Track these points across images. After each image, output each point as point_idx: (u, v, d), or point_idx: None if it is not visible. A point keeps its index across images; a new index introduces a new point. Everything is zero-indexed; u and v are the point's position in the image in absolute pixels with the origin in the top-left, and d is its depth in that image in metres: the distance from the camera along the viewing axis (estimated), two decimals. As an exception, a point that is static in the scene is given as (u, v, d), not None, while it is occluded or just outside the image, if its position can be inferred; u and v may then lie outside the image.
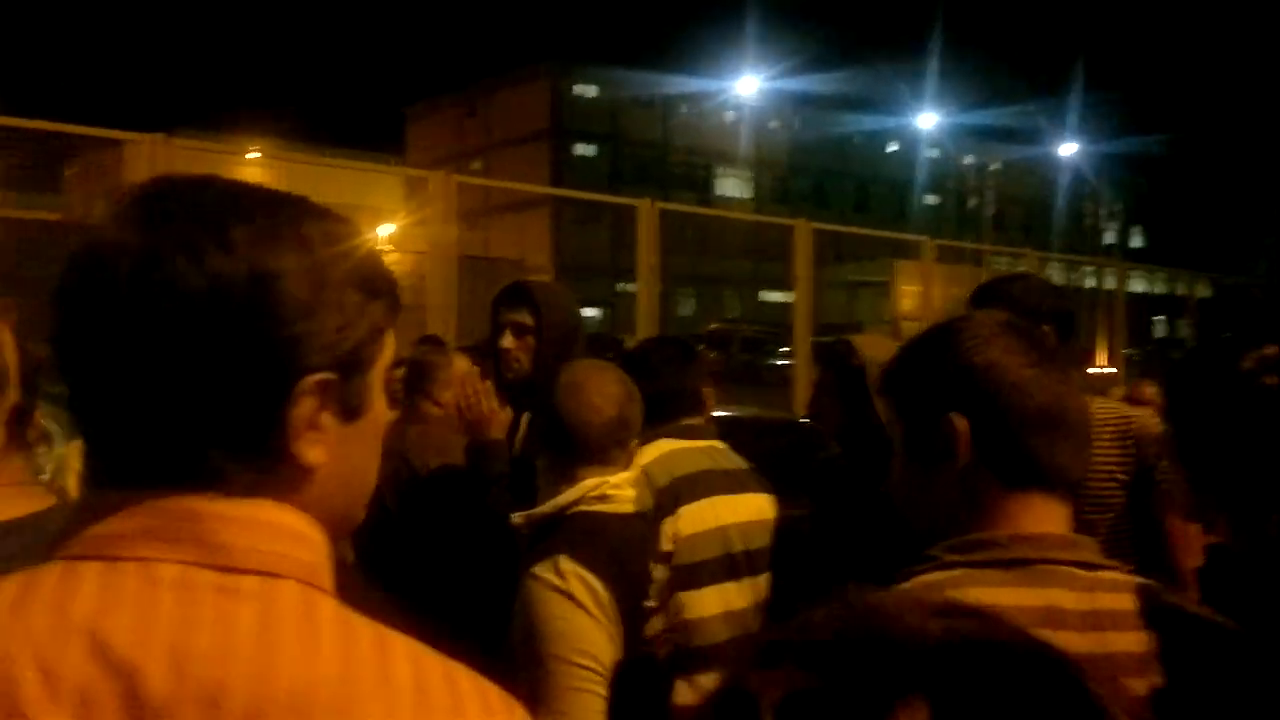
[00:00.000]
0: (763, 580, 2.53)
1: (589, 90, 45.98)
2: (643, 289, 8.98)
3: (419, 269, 9.12)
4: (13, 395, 1.53)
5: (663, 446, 2.49)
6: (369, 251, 0.81)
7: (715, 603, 2.40)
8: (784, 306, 20.83)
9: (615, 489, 1.99)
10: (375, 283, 0.81)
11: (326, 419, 0.77)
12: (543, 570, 1.85)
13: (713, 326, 27.30)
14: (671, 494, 2.42)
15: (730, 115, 47.78)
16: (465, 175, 37.54)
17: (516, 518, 2.03)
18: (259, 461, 0.75)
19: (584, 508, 1.96)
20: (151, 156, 6.42)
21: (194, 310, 0.72)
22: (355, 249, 0.80)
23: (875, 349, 2.54)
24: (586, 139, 45.44)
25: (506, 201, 35.98)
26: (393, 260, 15.12)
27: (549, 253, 40.04)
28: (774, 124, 47.99)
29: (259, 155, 19.67)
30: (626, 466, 2.08)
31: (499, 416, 2.60)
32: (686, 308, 35.67)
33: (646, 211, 8.89)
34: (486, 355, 2.87)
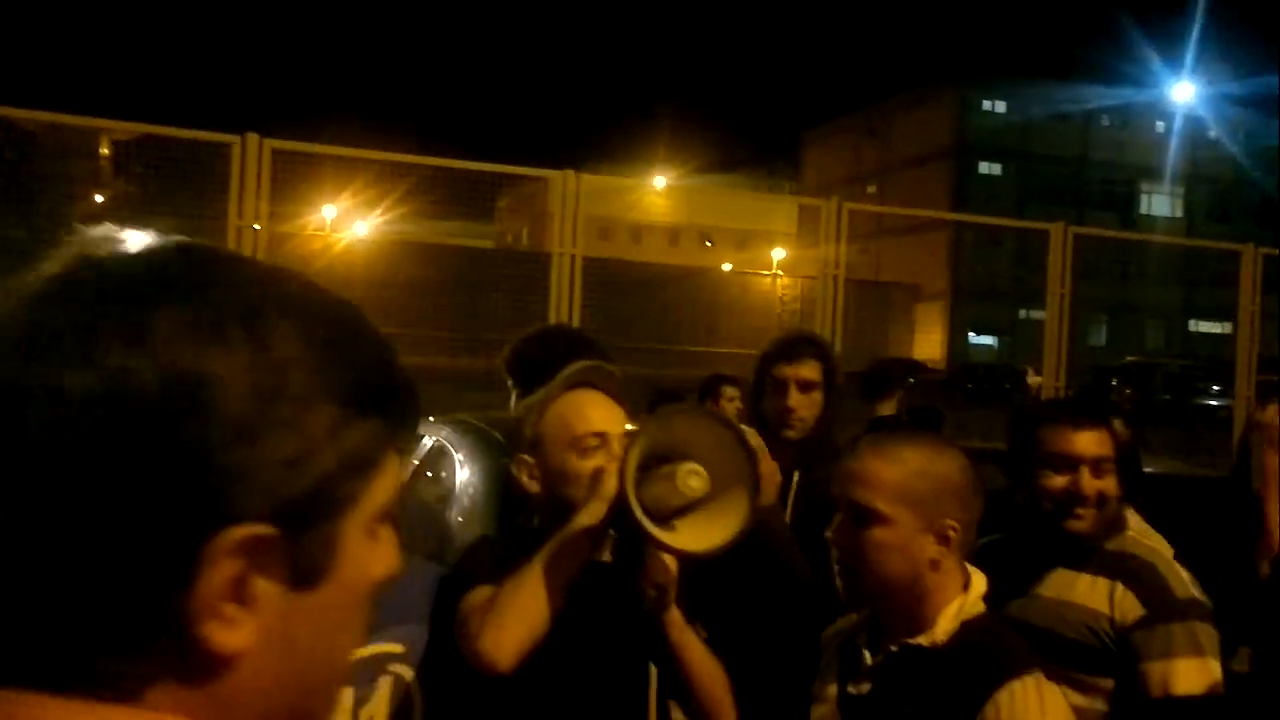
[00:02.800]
0: None
1: (997, 106, 44.00)
2: (1051, 318, 8.36)
3: (810, 293, 9.14)
4: None
5: None
6: (373, 344, 0.60)
7: None
8: (1219, 339, 18.51)
9: None
10: (371, 392, 0.59)
11: (262, 588, 0.55)
12: None
13: (1130, 360, 24.80)
14: None
15: (1159, 126, 43.66)
16: (861, 197, 37.46)
17: (937, 635, 1.68)
18: (155, 647, 0.53)
19: (974, 610, 1.75)
20: (563, 190, 6.84)
21: (76, 422, 0.51)
22: (348, 342, 0.58)
23: None
24: (992, 157, 43.51)
25: (903, 224, 35.29)
26: (785, 285, 15.30)
27: (946, 277, 38.86)
28: (1213, 134, 43.05)
29: (663, 184, 20.98)
30: None
31: (775, 479, 2.30)
32: (1097, 337, 32.90)
33: (1058, 236, 8.25)
34: (756, 413, 2.59)
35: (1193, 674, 2.04)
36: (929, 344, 33.33)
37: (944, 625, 1.66)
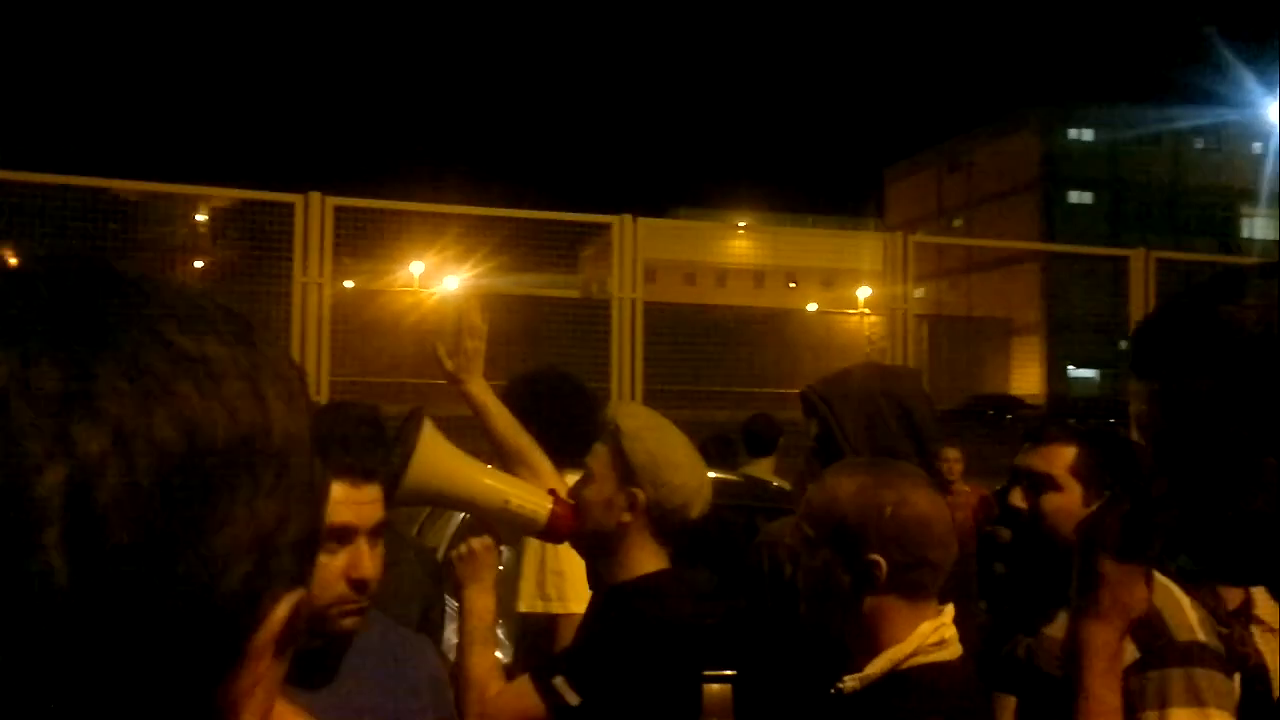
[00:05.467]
0: None
1: (1084, 134, 43.12)
2: (1138, 348, 8.11)
3: (893, 330, 9.03)
4: None
5: None
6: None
7: None
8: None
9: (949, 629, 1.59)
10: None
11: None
12: None
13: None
14: None
15: (1257, 146, 42.24)
16: (947, 232, 36.80)
17: (848, 682, 1.54)
18: None
19: (922, 659, 1.53)
20: (634, 235, 6.97)
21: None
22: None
23: None
24: (1082, 185, 42.56)
25: (992, 258, 34.65)
26: (870, 322, 15.13)
27: (1039, 309, 37.96)
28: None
29: (744, 227, 21.14)
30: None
31: None
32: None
33: (1139, 263, 8.06)
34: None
35: None
36: (1027, 379, 32.51)
37: (868, 671, 1.51)
